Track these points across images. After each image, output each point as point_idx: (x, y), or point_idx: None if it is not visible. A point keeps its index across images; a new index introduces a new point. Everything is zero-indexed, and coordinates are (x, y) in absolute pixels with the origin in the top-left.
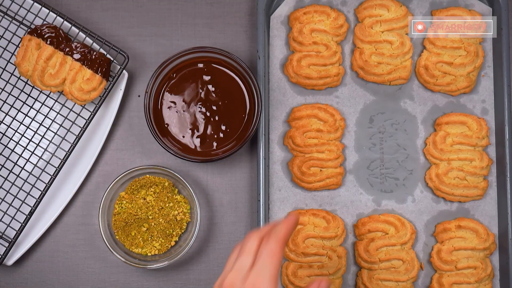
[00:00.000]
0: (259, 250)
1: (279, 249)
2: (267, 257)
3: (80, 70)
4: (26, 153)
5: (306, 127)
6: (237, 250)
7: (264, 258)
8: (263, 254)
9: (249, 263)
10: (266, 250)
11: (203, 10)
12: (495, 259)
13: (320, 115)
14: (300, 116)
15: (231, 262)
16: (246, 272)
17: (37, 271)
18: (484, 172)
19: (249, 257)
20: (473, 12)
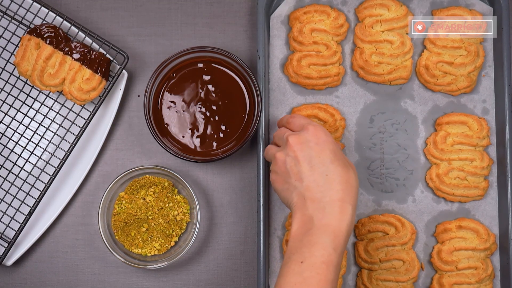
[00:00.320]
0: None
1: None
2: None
3: (80, 70)
4: (26, 153)
5: None
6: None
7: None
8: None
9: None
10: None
11: (203, 9)
12: (495, 259)
13: (320, 115)
14: None
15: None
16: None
17: (37, 272)
18: (485, 172)
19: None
20: (474, 12)
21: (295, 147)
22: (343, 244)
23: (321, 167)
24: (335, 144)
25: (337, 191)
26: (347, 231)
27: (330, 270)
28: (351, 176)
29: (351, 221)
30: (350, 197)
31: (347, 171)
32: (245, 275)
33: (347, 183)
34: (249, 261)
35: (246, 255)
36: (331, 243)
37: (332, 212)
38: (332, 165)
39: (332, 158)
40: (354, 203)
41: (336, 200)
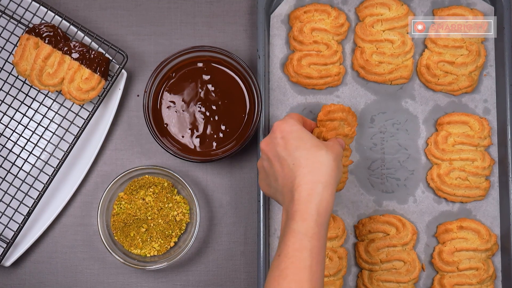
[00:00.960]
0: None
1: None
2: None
3: (79, 69)
4: (24, 153)
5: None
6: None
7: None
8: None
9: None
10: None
11: (203, 9)
12: (497, 260)
13: (349, 118)
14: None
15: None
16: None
17: (35, 272)
18: (486, 173)
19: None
20: (475, 11)
21: (266, 149)
22: (314, 226)
23: (288, 159)
24: (301, 130)
25: (303, 175)
26: (317, 211)
27: (304, 256)
28: (320, 154)
29: (320, 199)
30: (318, 175)
31: (314, 151)
32: (245, 276)
33: (315, 163)
34: (249, 262)
35: (246, 255)
36: (300, 229)
37: (300, 197)
38: (297, 152)
39: (297, 144)
40: (326, 179)
41: (303, 183)
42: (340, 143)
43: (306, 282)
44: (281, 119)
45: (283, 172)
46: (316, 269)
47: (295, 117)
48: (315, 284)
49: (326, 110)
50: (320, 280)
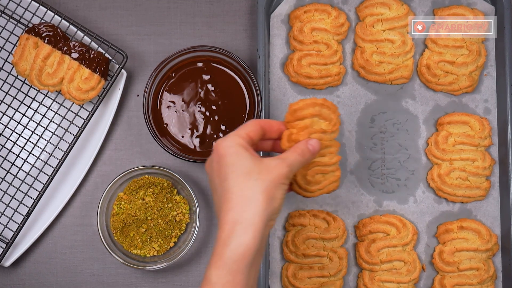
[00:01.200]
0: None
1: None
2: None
3: (78, 69)
4: (24, 153)
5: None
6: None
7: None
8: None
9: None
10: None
11: (203, 8)
12: (497, 260)
13: (324, 113)
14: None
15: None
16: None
17: (35, 273)
18: (487, 173)
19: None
20: (475, 11)
21: (207, 171)
22: (226, 275)
23: (219, 189)
24: (237, 153)
25: (226, 212)
26: (231, 258)
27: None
28: (247, 187)
29: (238, 244)
30: (240, 214)
31: (241, 181)
32: None
33: (239, 197)
34: None
35: None
36: (212, 277)
37: (219, 238)
38: (225, 183)
39: (227, 172)
40: (248, 219)
41: (224, 223)
42: (312, 146)
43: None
44: (223, 137)
45: (216, 202)
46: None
47: (243, 133)
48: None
49: (292, 109)
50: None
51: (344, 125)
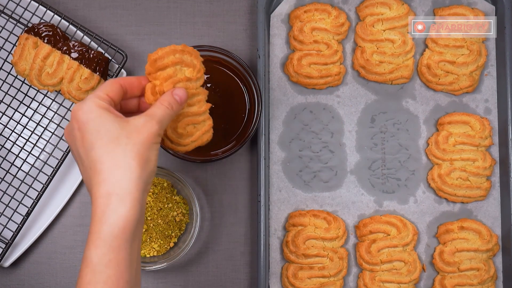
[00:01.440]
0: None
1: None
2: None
3: (78, 69)
4: (23, 153)
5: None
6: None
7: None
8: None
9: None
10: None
11: (203, 8)
12: (498, 260)
13: (186, 59)
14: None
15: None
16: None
17: (34, 273)
18: (487, 173)
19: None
20: (476, 11)
21: (68, 141)
22: (107, 253)
23: (86, 160)
24: (100, 118)
25: (98, 184)
26: (111, 233)
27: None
28: (116, 154)
29: (115, 218)
30: (114, 184)
31: (111, 149)
32: (245, 277)
33: (110, 167)
34: (249, 263)
35: (246, 256)
36: (93, 257)
37: (94, 215)
38: (93, 152)
39: (93, 141)
40: (123, 189)
41: (98, 196)
42: (178, 96)
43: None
44: (80, 102)
45: (84, 175)
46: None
47: (102, 93)
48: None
49: (152, 59)
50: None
51: (344, 125)
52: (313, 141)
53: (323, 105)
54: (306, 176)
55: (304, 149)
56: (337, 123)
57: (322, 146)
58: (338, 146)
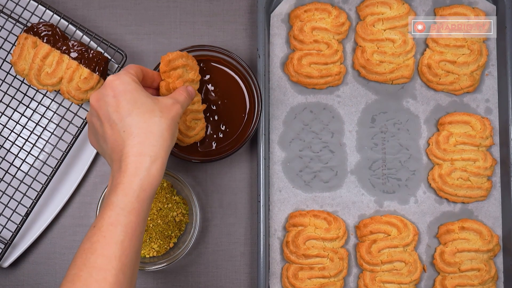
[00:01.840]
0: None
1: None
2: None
3: (77, 69)
4: (22, 153)
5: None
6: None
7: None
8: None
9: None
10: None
11: (202, 7)
12: (499, 261)
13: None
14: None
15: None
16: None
17: (34, 273)
18: (488, 173)
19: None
20: (477, 10)
21: (95, 106)
22: (134, 202)
23: (119, 124)
24: (136, 91)
25: (133, 145)
26: (140, 186)
27: (117, 231)
28: (153, 122)
29: (146, 175)
30: (148, 147)
31: (147, 118)
32: (245, 277)
33: (146, 133)
34: (249, 263)
35: (246, 256)
36: (119, 203)
37: (126, 169)
38: (129, 118)
39: (130, 108)
40: (154, 152)
41: (131, 155)
42: (189, 91)
43: (115, 259)
44: (115, 74)
45: (113, 136)
46: (128, 245)
47: (133, 72)
48: (125, 260)
49: (167, 60)
50: (133, 256)
51: (345, 125)
52: (313, 141)
53: (324, 105)
54: (306, 176)
55: (304, 149)
56: (338, 123)
57: (322, 146)
58: (338, 146)
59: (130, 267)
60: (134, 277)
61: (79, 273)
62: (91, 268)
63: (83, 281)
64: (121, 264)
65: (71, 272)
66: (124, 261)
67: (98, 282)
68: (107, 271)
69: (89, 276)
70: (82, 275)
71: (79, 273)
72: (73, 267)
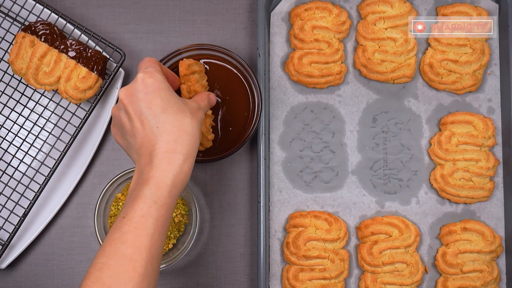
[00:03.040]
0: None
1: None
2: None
3: (76, 68)
4: (20, 154)
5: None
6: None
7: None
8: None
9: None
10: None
11: (202, 6)
12: (501, 262)
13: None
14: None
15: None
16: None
17: (31, 275)
18: (490, 173)
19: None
20: (479, 9)
21: (125, 101)
22: (166, 196)
23: (152, 120)
24: (168, 90)
25: (167, 142)
26: (173, 182)
27: (148, 224)
28: (185, 122)
29: (179, 171)
30: (182, 145)
31: (180, 117)
32: (245, 278)
33: (180, 131)
34: (249, 264)
35: (246, 258)
36: (152, 196)
37: (159, 164)
38: (163, 115)
39: (164, 106)
40: (187, 151)
41: (165, 151)
42: (211, 99)
43: (145, 250)
44: (146, 71)
45: (143, 132)
46: (157, 238)
47: (160, 72)
48: (154, 253)
49: (187, 64)
50: (159, 250)
51: (346, 124)
52: (314, 141)
53: (324, 104)
54: (306, 177)
55: (304, 149)
56: (338, 123)
57: (323, 146)
58: (339, 146)
59: (158, 259)
60: (158, 271)
61: (109, 262)
62: (121, 258)
63: (113, 269)
64: (151, 256)
65: (100, 261)
66: (153, 253)
67: (128, 272)
68: (137, 261)
69: (119, 265)
70: (112, 264)
71: (108, 262)
72: (102, 255)
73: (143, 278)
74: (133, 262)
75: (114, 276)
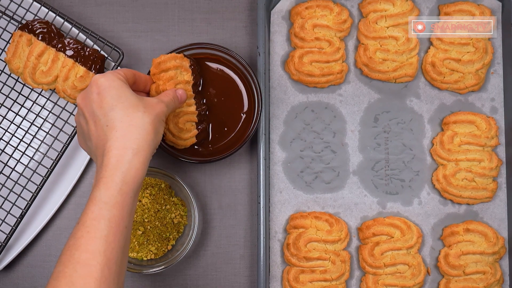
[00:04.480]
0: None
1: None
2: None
3: (73, 67)
4: (17, 154)
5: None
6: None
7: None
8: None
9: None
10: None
11: (201, 4)
12: (504, 263)
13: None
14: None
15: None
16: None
17: (29, 276)
18: (493, 173)
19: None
20: (482, 7)
21: (81, 105)
22: (117, 195)
23: (103, 119)
24: (120, 88)
25: (116, 139)
26: (122, 179)
27: (100, 226)
28: (136, 116)
29: (128, 167)
30: (131, 140)
31: (130, 112)
32: (245, 280)
33: (129, 126)
34: (249, 266)
35: (245, 259)
36: (102, 197)
37: (108, 163)
38: (112, 112)
39: (113, 104)
40: (137, 145)
41: (114, 149)
42: (178, 94)
43: (99, 254)
44: (101, 74)
45: (96, 133)
46: (113, 239)
47: (121, 73)
48: (110, 255)
49: (156, 63)
50: (119, 251)
51: (347, 124)
52: (315, 141)
53: (325, 104)
54: (307, 177)
55: (305, 149)
56: (339, 123)
57: (324, 146)
58: (340, 146)
59: (116, 262)
60: (121, 273)
61: (64, 269)
62: (75, 264)
63: (68, 277)
64: (106, 259)
65: (57, 270)
66: (109, 256)
67: (83, 278)
68: (92, 266)
69: (74, 272)
70: (67, 272)
71: (64, 269)
72: (59, 264)
73: (100, 283)
74: (88, 267)
75: (69, 284)
